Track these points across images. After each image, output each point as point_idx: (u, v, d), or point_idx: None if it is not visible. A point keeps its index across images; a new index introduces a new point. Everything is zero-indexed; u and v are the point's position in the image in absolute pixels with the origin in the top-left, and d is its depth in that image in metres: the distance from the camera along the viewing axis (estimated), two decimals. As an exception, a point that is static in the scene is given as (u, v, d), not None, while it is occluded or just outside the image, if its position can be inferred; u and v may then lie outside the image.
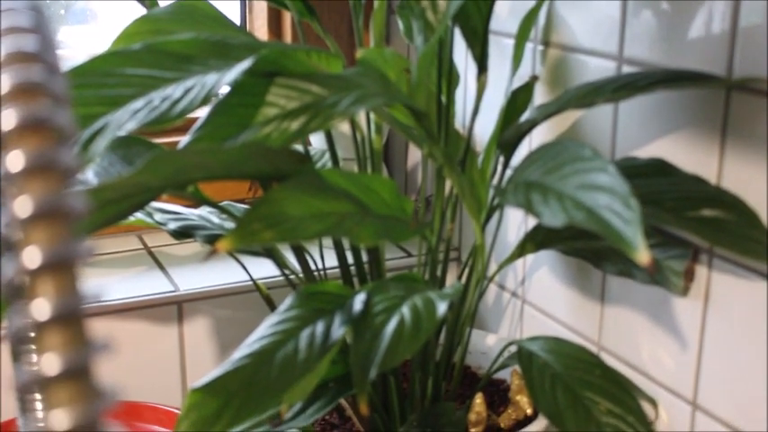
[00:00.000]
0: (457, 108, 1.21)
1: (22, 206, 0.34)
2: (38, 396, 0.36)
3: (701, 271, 0.90)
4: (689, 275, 0.91)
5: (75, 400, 0.34)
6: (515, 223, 1.17)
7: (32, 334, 0.34)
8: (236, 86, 0.78)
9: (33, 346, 0.35)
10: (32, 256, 0.34)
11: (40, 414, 0.35)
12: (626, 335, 1.00)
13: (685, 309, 0.92)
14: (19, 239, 0.35)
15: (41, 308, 0.34)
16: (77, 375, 0.34)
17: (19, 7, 0.41)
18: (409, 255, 1.30)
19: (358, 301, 0.81)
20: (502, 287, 1.22)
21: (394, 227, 0.81)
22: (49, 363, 0.34)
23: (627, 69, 0.95)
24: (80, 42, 1.48)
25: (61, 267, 0.34)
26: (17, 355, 0.47)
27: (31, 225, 0.34)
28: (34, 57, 0.38)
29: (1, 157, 0.36)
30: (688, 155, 0.90)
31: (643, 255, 0.66)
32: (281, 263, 1.00)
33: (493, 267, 1.18)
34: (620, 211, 0.69)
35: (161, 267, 1.23)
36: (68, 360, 0.34)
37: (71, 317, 0.34)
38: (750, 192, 0.83)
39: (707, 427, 0.91)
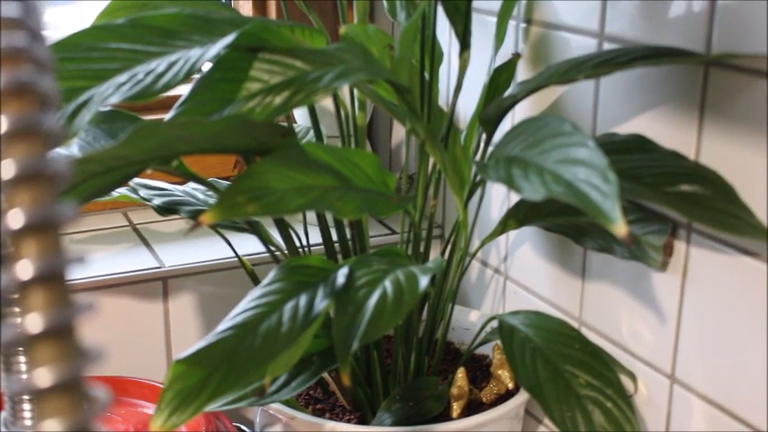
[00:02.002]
0: (441, 85, 1.22)
1: (6, 169, 0.35)
2: (22, 355, 0.37)
3: (679, 246, 0.91)
4: (668, 250, 0.91)
5: (58, 358, 0.34)
6: (498, 200, 1.18)
7: (17, 294, 0.35)
8: (220, 61, 0.78)
9: (17, 307, 0.35)
10: (16, 218, 0.35)
11: (23, 373, 0.36)
12: (606, 310, 1.01)
13: (664, 283, 0.93)
14: (3, 203, 0.35)
15: (25, 268, 0.34)
16: (60, 334, 0.34)
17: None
18: (393, 232, 1.31)
19: (341, 275, 0.82)
20: (484, 264, 1.23)
21: (376, 201, 0.82)
22: (33, 321, 0.34)
23: (608, 46, 0.96)
24: (65, 22, 1.48)
25: (44, 229, 0.35)
26: (2, 316, 0.48)
27: (15, 188, 0.35)
28: (17, 23, 0.39)
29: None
30: (667, 131, 0.90)
31: (620, 227, 0.66)
32: (265, 239, 1.00)
33: (475, 244, 1.19)
34: (598, 185, 0.70)
35: (146, 244, 1.23)
36: (51, 319, 0.34)
37: (54, 277, 0.35)
38: (728, 167, 0.84)
39: (685, 400, 0.92)
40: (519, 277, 1.16)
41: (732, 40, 0.82)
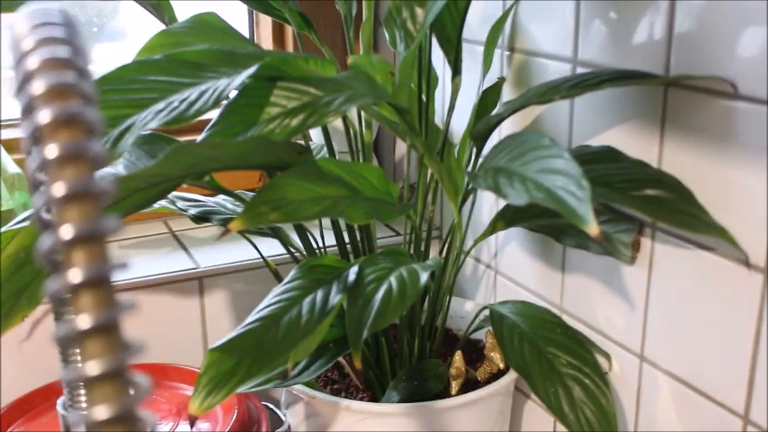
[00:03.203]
0: (436, 105, 1.22)
1: (58, 189, 0.35)
2: (75, 349, 0.37)
3: (645, 242, 0.90)
4: (635, 246, 0.91)
5: (105, 350, 0.35)
6: (488, 204, 1.18)
7: (68, 297, 0.35)
8: (244, 89, 0.78)
9: (70, 307, 0.35)
10: (67, 231, 0.35)
11: (78, 364, 0.36)
12: (583, 298, 1.01)
13: (633, 275, 0.93)
14: (55, 218, 0.35)
15: (75, 274, 0.35)
16: (106, 330, 0.35)
17: (53, 20, 0.42)
18: (397, 233, 1.31)
19: (352, 272, 0.82)
20: (477, 260, 1.22)
21: (382, 208, 0.82)
22: (83, 320, 0.34)
23: (581, 70, 0.96)
24: (112, 59, 1.48)
25: (91, 240, 0.35)
26: (57, 315, 0.48)
27: (65, 205, 0.35)
28: (66, 62, 0.39)
29: (40, 148, 0.36)
30: (633, 142, 0.90)
31: (593, 228, 0.66)
32: (286, 242, 1.00)
33: (469, 242, 1.19)
34: (574, 191, 0.70)
35: (184, 248, 1.23)
36: (98, 317, 0.34)
37: (100, 282, 0.35)
38: (686, 173, 0.84)
39: (652, 376, 0.92)
40: (508, 271, 1.15)
41: (688, 64, 0.82)
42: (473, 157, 0.99)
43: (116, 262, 0.35)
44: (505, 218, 0.98)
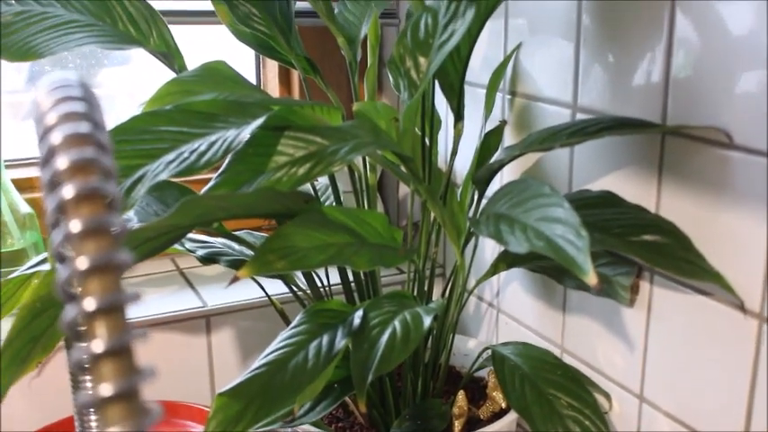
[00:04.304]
0: (439, 147, 1.24)
1: (81, 262, 0.37)
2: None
3: (644, 285, 0.92)
4: (634, 289, 0.93)
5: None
6: (490, 245, 1.20)
7: (89, 365, 0.37)
8: (252, 138, 0.80)
9: (90, 375, 0.37)
10: (90, 303, 0.37)
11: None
12: (584, 339, 1.02)
13: (632, 317, 0.94)
14: (79, 290, 0.37)
15: (97, 344, 0.37)
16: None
17: (74, 93, 0.44)
18: (402, 272, 1.33)
19: (357, 317, 0.84)
20: (480, 299, 1.24)
21: (386, 254, 0.84)
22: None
23: (580, 115, 0.98)
24: (118, 83, 1.50)
25: (112, 311, 0.37)
26: (76, 383, 0.50)
27: (88, 277, 0.37)
28: (87, 138, 0.41)
29: (64, 222, 0.38)
30: (632, 188, 0.92)
31: (591, 277, 0.68)
32: (291, 282, 1.02)
33: (472, 282, 1.20)
34: (572, 240, 0.71)
35: (191, 286, 1.25)
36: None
37: (121, 350, 0.37)
38: (683, 219, 0.86)
39: (651, 416, 0.93)
40: (510, 310, 1.17)
41: (684, 111, 0.84)
42: (475, 199, 1.01)
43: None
44: (507, 259, 1.00)
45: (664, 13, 0.84)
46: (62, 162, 0.39)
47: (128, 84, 1.50)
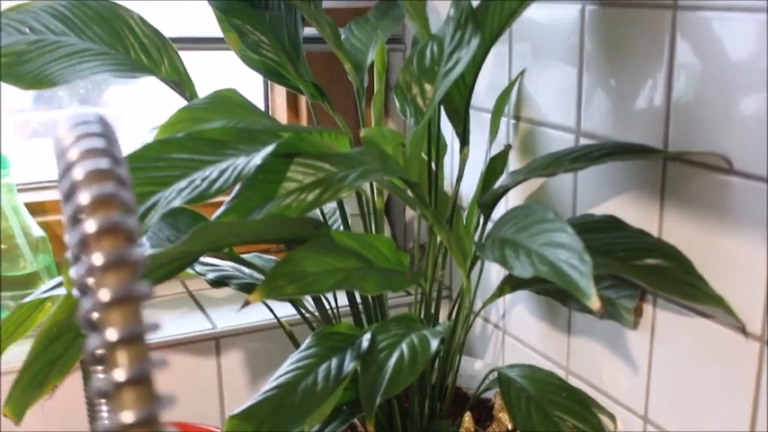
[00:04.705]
0: (445, 171, 1.25)
1: (103, 294, 0.39)
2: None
3: (647, 308, 0.93)
4: (638, 312, 0.94)
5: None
6: (496, 267, 1.21)
7: (111, 393, 0.39)
8: (262, 165, 0.82)
9: (109, 403, 0.39)
10: (111, 333, 0.38)
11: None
12: (589, 361, 1.04)
13: (636, 339, 0.96)
14: (101, 320, 0.39)
15: (119, 373, 0.38)
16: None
17: (94, 130, 0.46)
18: (409, 294, 1.34)
19: (365, 340, 0.85)
20: (486, 320, 1.26)
21: (393, 278, 0.85)
22: (126, 415, 0.38)
23: (583, 140, 0.99)
24: (125, 102, 1.52)
25: (133, 340, 0.39)
26: (94, 409, 0.52)
27: (110, 309, 0.39)
28: (107, 174, 0.43)
29: (86, 255, 0.40)
30: (634, 212, 0.93)
31: (594, 302, 0.69)
32: (300, 305, 1.04)
33: (478, 304, 1.22)
34: (576, 265, 0.73)
35: (201, 308, 1.26)
36: (141, 412, 0.38)
37: (142, 379, 0.39)
38: (685, 243, 0.87)
39: (657, 438, 0.95)
40: (515, 332, 1.18)
41: (685, 136, 0.85)
42: (481, 223, 1.03)
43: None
44: (512, 282, 1.01)
45: (664, 38, 0.86)
46: (84, 197, 0.41)
47: (134, 103, 1.52)
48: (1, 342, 0.86)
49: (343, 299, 1.07)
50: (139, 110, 1.54)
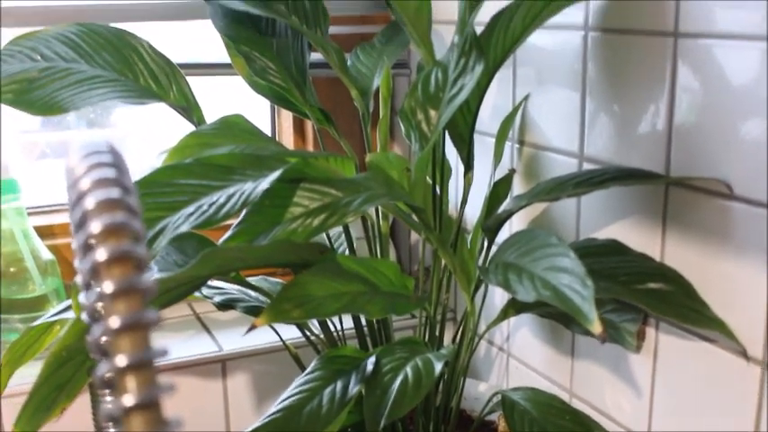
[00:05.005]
0: (450, 195, 1.26)
1: (113, 321, 0.40)
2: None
3: (650, 332, 0.94)
4: (640, 336, 0.95)
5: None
6: (500, 290, 1.22)
7: (120, 418, 0.40)
8: (268, 190, 0.83)
9: (120, 428, 0.40)
10: (121, 359, 0.40)
11: None
12: (592, 383, 1.04)
13: (639, 363, 0.96)
14: (110, 346, 0.40)
15: (128, 398, 0.39)
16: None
17: (105, 160, 0.47)
18: (414, 316, 1.35)
19: (370, 363, 0.86)
20: (491, 343, 1.26)
21: (398, 302, 0.86)
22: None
23: (587, 165, 1.00)
24: (133, 122, 1.53)
25: (142, 366, 0.40)
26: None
27: (119, 335, 0.40)
28: (118, 203, 0.44)
29: (97, 283, 0.41)
30: (637, 236, 0.94)
31: (596, 326, 0.70)
32: (305, 327, 1.04)
33: (483, 326, 1.22)
34: (578, 290, 0.74)
35: (207, 331, 1.27)
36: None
37: (150, 404, 0.40)
38: (687, 267, 0.88)
39: (660, 461, 0.95)
40: (519, 355, 1.19)
41: (687, 162, 0.86)
42: (485, 246, 1.04)
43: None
44: (516, 305, 1.02)
45: (666, 65, 0.87)
46: (95, 226, 0.42)
47: (141, 125, 1.53)
48: (11, 365, 0.87)
49: (348, 322, 1.08)
50: (147, 132, 1.56)
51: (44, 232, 1.26)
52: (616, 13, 0.94)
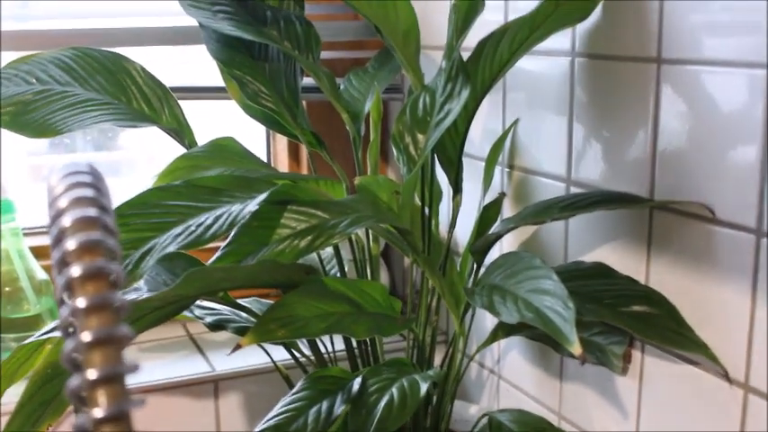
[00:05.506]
0: (441, 218, 1.27)
1: (85, 335, 0.41)
2: None
3: (636, 354, 0.95)
4: (626, 358, 0.95)
5: None
6: (491, 312, 1.22)
7: (90, 429, 0.41)
8: (256, 212, 0.84)
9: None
10: (92, 373, 0.40)
11: None
12: (580, 405, 1.05)
13: (625, 385, 0.97)
14: (83, 360, 0.41)
15: (98, 411, 0.40)
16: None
17: (84, 180, 0.48)
18: (404, 338, 1.35)
19: (356, 383, 0.87)
20: (482, 365, 1.27)
21: (384, 323, 0.87)
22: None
23: (574, 189, 1.01)
24: (140, 144, 1.55)
25: (113, 380, 0.41)
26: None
27: (91, 349, 0.41)
28: (94, 222, 0.45)
29: (71, 298, 0.42)
30: (623, 259, 0.95)
31: (576, 347, 0.71)
32: (295, 348, 1.05)
33: (473, 348, 1.23)
34: (560, 311, 0.74)
35: (200, 351, 1.28)
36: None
37: (120, 417, 0.40)
38: (672, 290, 0.88)
39: (646, 483, 0.95)
40: (510, 377, 1.19)
41: (671, 186, 0.87)
42: (474, 268, 1.04)
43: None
44: (505, 328, 1.03)
45: (649, 90, 0.88)
46: (71, 243, 0.43)
47: (148, 147, 1.55)
48: (2, 383, 0.88)
49: (339, 344, 1.08)
50: (153, 154, 1.57)
51: (40, 253, 1.27)
52: (601, 39, 0.95)
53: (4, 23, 1.21)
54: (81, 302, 0.41)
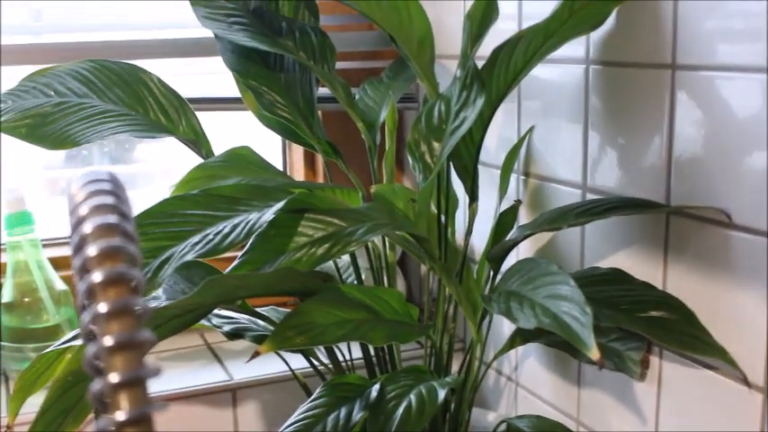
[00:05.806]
0: (458, 225, 1.27)
1: (107, 340, 0.41)
2: None
3: (654, 360, 0.95)
4: (644, 364, 0.95)
5: None
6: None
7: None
8: (274, 220, 0.84)
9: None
10: (114, 377, 0.41)
11: None
12: (598, 412, 1.05)
13: (644, 391, 0.96)
14: (105, 365, 0.41)
15: (120, 415, 0.40)
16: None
17: (104, 188, 0.49)
18: (422, 345, 1.35)
19: (374, 390, 0.87)
20: (499, 372, 1.27)
21: (402, 330, 0.87)
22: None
23: (590, 196, 1.01)
24: (156, 156, 1.56)
25: (134, 384, 0.41)
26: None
27: (113, 354, 0.41)
28: (114, 228, 0.45)
29: (93, 304, 0.43)
30: (639, 265, 0.95)
31: (594, 352, 0.71)
32: (312, 356, 1.05)
33: (491, 355, 1.23)
34: (577, 316, 0.74)
35: (218, 360, 1.28)
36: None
37: (142, 421, 0.41)
38: (689, 295, 0.88)
39: (665, 489, 0.95)
40: (527, 384, 1.19)
41: (687, 191, 0.87)
42: (491, 275, 1.05)
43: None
44: (523, 334, 1.03)
45: (664, 96, 0.88)
46: (92, 250, 0.44)
47: (165, 159, 1.56)
48: (21, 393, 0.88)
49: (357, 351, 1.09)
50: (169, 167, 1.58)
51: (59, 263, 1.28)
52: (616, 46, 0.95)
53: (20, 37, 1.22)
54: (102, 307, 0.42)
